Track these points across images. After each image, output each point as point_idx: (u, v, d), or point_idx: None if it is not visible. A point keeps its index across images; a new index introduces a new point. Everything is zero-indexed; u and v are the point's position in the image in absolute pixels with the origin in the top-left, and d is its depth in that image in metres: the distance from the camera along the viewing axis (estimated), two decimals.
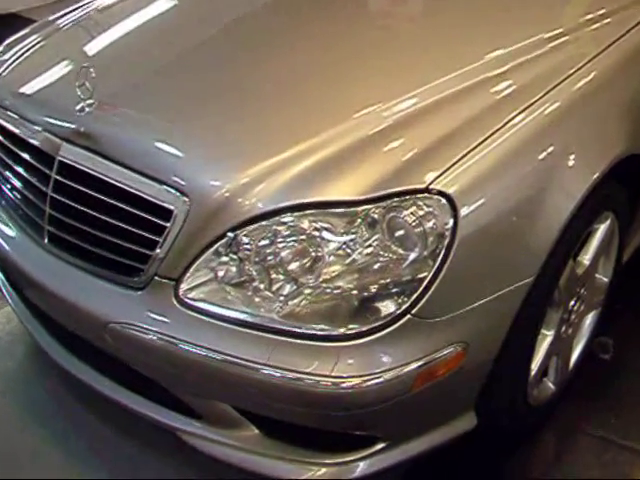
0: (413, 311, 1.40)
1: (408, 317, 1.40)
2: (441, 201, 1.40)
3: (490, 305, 1.47)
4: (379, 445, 1.55)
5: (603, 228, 1.81)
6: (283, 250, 1.41)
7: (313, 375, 1.39)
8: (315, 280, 1.40)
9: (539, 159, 1.52)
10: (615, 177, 1.70)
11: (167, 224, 1.48)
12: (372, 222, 1.40)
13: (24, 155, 1.78)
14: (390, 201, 1.40)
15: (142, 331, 1.50)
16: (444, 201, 1.40)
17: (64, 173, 1.65)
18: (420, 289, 1.39)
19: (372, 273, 1.40)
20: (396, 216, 1.40)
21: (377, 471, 1.56)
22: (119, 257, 1.56)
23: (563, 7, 1.97)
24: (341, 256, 1.40)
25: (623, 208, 1.86)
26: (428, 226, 1.40)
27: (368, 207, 1.40)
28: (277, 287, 1.42)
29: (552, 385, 1.88)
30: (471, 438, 1.66)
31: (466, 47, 1.75)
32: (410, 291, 1.40)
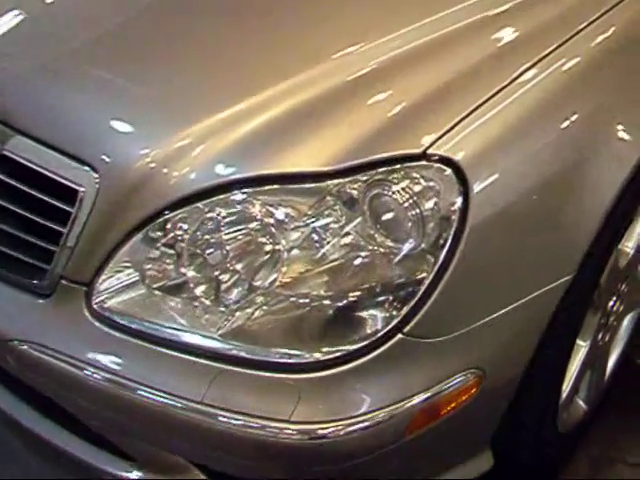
0: (407, 328, 1.21)
1: (400, 336, 1.21)
2: (445, 171, 1.21)
3: (513, 316, 1.30)
4: None
5: None
6: (228, 243, 1.24)
7: (267, 419, 1.21)
8: (270, 284, 1.22)
9: (562, 127, 1.36)
10: None
11: (71, 209, 1.32)
12: (349, 202, 1.22)
13: None
14: (373, 172, 1.22)
15: (44, 352, 1.34)
16: (449, 171, 1.21)
17: None
18: (417, 297, 1.21)
19: (350, 274, 1.22)
20: (382, 193, 1.22)
21: None
22: (21, 254, 1.40)
23: None
24: (306, 250, 1.23)
25: None
26: (427, 207, 1.22)
27: (343, 181, 1.22)
28: (220, 293, 1.25)
29: (584, 404, 1.75)
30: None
31: None
32: (402, 299, 1.21)
